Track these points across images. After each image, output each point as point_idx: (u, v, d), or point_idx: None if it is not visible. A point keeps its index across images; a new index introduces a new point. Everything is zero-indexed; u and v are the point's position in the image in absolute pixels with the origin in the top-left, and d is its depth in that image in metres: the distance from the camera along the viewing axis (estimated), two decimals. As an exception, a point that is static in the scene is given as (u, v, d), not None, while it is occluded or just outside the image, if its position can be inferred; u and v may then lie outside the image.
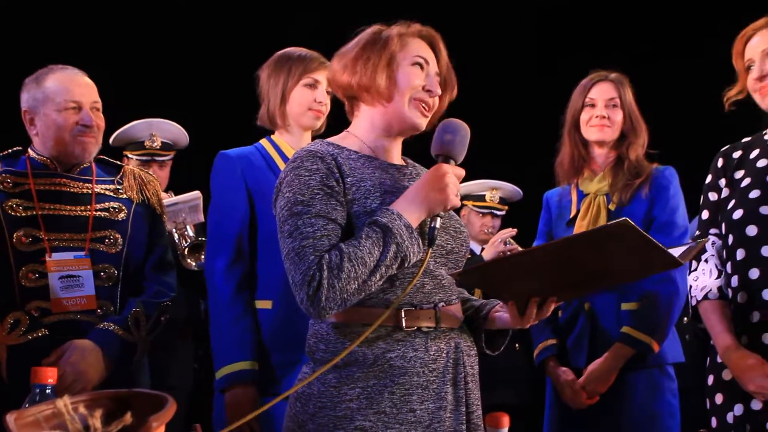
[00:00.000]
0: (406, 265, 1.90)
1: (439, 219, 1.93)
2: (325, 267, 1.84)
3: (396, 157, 2.12)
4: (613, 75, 3.15)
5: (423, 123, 2.06)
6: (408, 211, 1.90)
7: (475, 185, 4.71)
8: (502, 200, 4.76)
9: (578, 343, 3.03)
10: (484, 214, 4.72)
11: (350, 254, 1.84)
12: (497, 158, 4.96)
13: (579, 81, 3.21)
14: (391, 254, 1.85)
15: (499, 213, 4.75)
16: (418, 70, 2.04)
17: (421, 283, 1.96)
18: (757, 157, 2.56)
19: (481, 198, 4.72)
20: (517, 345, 4.32)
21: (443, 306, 1.99)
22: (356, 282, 1.84)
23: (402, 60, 2.03)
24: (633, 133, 3.10)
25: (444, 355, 1.96)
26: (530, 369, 3.43)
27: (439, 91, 2.06)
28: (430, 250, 1.92)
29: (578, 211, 3.10)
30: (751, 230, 2.47)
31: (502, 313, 2.06)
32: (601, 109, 3.09)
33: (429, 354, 1.94)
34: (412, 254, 1.88)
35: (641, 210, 3.02)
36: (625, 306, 2.99)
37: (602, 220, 3.01)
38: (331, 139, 2.10)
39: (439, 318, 1.97)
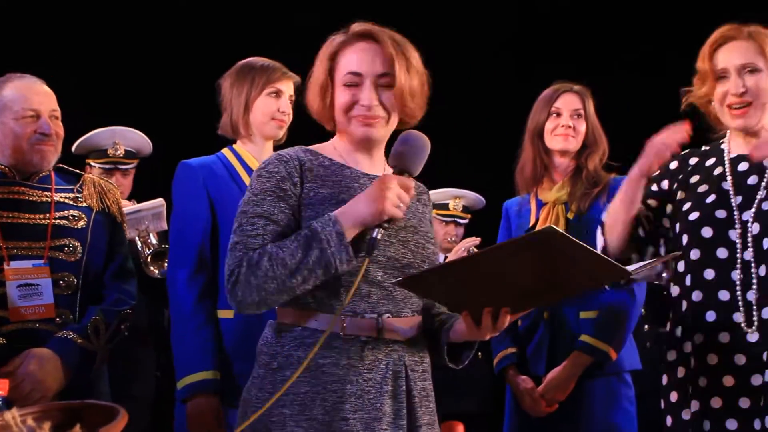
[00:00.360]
0: (334, 272, 1.91)
1: (380, 230, 1.91)
2: (245, 264, 1.91)
3: (372, 166, 2.11)
4: (577, 87, 3.20)
5: (370, 132, 2.04)
6: (346, 218, 1.91)
7: (439, 194, 4.72)
8: (466, 209, 4.78)
9: (538, 352, 3.06)
10: (447, 222, 4.73)
11: (272, 254, 1.90)
12: (460, 166, 4.99)
13: (540, 91, 3.25)
14: (313, 258, 1.88)
15: (462, 221, 4.76)
16: (349, 90, 2.03)
17: (367, 292, 1.97)
18: (714, 165, 2.60)
19: (445, 206, 4.73)
20: (479, 354, 4.34)
21: (389, 318, 1.98)
22: (275, 282, 1.89)
23: (336, 80, 2.05)
24: (594, 143, 3.15)
25: (382, 366, 1.96)
26: (493, 377, 3.45)
27: (372, 102, 2.01)
28: (368, 261, 1.92)
29: (537, 220, 3.13)
30: (707, 232, 2.50)
31: (461, 325, 2.05)
32: (567, 119, 3.13)
33: (364, 363, 1.95)
34: (338, 261, 1.89)
35: (599, 218, 3.04)
36: (583, 314, 3.02)
37: (561, 228, 3.03)
38: (313, 146, 2.12)
39: (382, 329, 1.97)
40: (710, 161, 2.62)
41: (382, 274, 1.98)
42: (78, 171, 2.93)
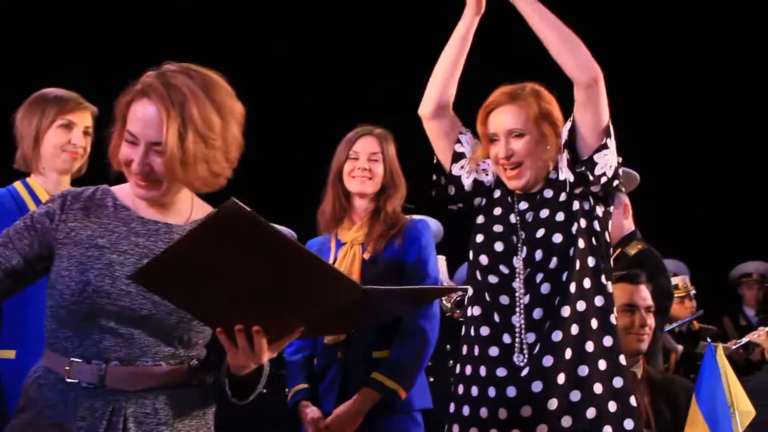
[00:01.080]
0: None
1: None
2: None
3: (166, 213, 2.00)
4: (377, 130, 3.26)
5: (144, 194, 1.95)
6: None
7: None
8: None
9: (329, 389, 3.08)
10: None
11: None
12: (272, 203, 4.98)
13: (344, 133, 3.31)
14: None
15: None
16: (128, 148, 1.92)
17: (100, 338, 1.90)
18: (504, 198, 2.73)
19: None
20: (264, 390, 4.31)
21: (117, 365, 1.91)
22: None
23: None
24: (393, 186, 3.22)
25: (97, 414, 1.90)
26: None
27: (143, 169, 1.90)
28: None
29: (336, 260, 3.16)
30: (483, 260, 2.65)
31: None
32: (364, 162, 3.19)
33: (78, 410, 1.89)
34: None
35: (394, 260, 3.12)
36: (376, 354, 3.07)
37: (356, 269, 3.09)
38: (116, 186, 2.04)
39: (104, 376, 1.90)
40: (503, 194, 2.75)
41: (115, 323, 1.90)
42: None
